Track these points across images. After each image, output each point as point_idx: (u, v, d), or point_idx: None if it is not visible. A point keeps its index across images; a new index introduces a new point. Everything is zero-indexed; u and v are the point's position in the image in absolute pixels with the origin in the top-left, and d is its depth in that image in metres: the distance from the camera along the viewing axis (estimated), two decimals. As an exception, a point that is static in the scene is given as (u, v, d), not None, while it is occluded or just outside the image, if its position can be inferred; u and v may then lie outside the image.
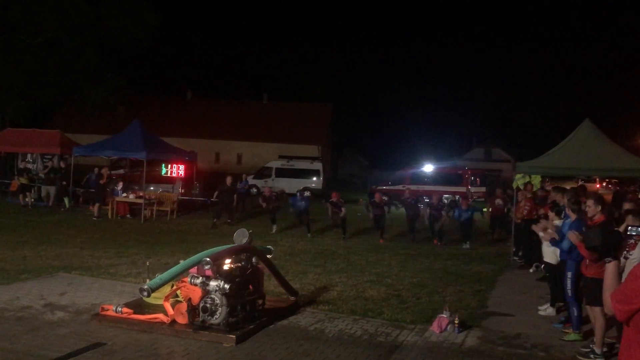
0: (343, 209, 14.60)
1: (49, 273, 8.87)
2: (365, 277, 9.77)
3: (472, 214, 14.28)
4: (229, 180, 16.72)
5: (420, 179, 27.67)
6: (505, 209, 14.72)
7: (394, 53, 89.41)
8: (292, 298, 7.70)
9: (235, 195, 16.82)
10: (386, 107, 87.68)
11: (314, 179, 28.96)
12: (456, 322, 6.70)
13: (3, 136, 21.66)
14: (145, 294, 6.26)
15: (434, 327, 6.73)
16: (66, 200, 18.21)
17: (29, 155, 21.41)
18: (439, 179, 26.86)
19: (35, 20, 26.49)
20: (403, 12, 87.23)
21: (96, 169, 18.41)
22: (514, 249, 12.35)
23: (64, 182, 18.43)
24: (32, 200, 18.11)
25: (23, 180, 18.61)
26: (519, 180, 12.68)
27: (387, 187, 28.41)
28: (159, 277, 6.38)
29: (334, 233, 15.50)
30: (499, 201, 14.92)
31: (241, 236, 7.89)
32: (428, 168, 28.90)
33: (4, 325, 6.25)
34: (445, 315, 6.83)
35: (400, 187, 27.68)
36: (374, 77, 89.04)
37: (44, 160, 21.53)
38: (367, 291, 8.72)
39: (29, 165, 20.26)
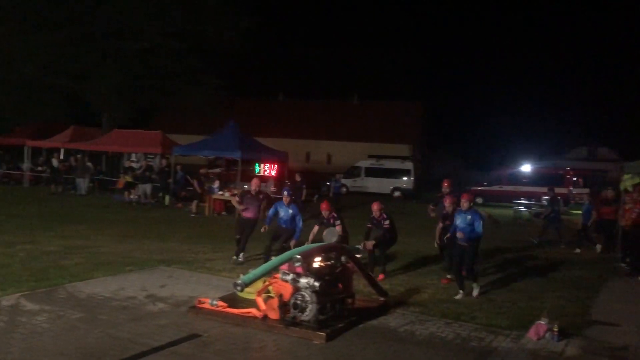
0: (338, 226, 9.45)
1: (150, 266, 9.37)
2: (457, 280, 9.49)
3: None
4: (297, 177, 17.70)
5: (517, 179, 26.59)
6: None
7: (489, 48, 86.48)
8: (382, 298, 7.63)
9: (303, 192, 17.21)
10: (482, 104, 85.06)
11: (405, 178, 28.60)
12: (555, 329, 6.33)
13: (110, 137, 23.21)
14: (238, 288, 6.43)
15: (531, 334, 6.40)
16: (167, 197, 19.19)
17: (133, 155, 22.82)
18: (538, 179, 25.64)
19: (140, 27, 28.12)
20: (496, 7, 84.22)
21: (179, 167, 19.31)
22: (620, 255, 11.54)
23: (170, 180, 19.39)
24: (137, 197, 19.23)
25: (128, 179, 19.81)
26: (627, 182, 11.78)
27: (483, 188, 27.56)
28: (252, 273, 6.52)
29: (424, 234, 15.20)
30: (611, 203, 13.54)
31: (330, 235, 7.92)
32: (526, 168, 27.71)
33: (111, 313, 6.67)
34: (543, 322, 6.47)
35: (496, 187, 26.77)
36: (468, 73, 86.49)
37: (147, 159, 22.88)
38: (460, 294, 8.46)
39: (134, 164, 21.55)
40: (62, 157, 23.16)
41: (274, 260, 6.72)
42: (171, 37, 28.74)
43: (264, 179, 19.92)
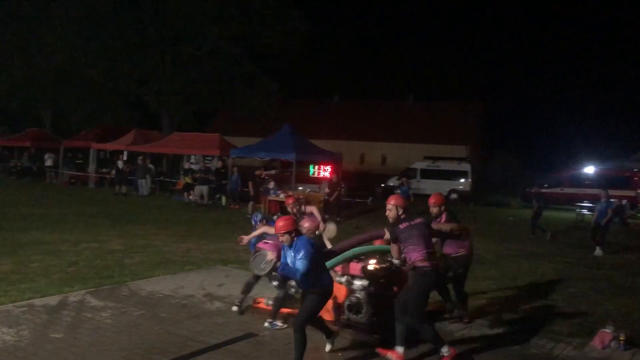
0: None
1: (208, 266, 9.58)
2: (516, 285, 9.24)
3: None
4: (334, 178, 18.28)
5: (580, 181, 25.60)
6: None
7: (552, 49, 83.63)
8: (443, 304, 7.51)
9: (341, 192, 17.44)
10: (542, 104, 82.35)
11: (462, 180, 28.04)
12: (621, 338, 6.04)
13: (170, 139, 23.88)
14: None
15: (596, 342, 6.14)
16: (223, 198, 19.58)
17: (192, 157, 23.42)
18: (602, 181, 24.60)
19: (199, 32, 28.86)
20: (560, 7, 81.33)
21: (236, 169, 19.66)
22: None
23: (224, 182, 19.79)
24: (195, 198, 19.71)
25: (187, 180, 20.33)
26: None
27: (543, 190, 26.72)
28: None
29: (482, 237, 14.89)
30: None
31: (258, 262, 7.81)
32: (589, 169, 26.63)
33: (171, 311, 6.87)
34: (608, 331, 6.19)
35: (557, 189, 25.87)
36: (528, 74, 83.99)
37: (205, 161, 23.42)
38: (519, 300, 8.23)
39: (193, 166, 22.10)
40: (125, 159, 24.04)
41: (328, 262, 6.67)
42: (229, 41, 29.32)
43: (317, 181, 20.04)
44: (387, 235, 6.00)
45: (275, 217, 10.06)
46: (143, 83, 31.19)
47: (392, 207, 5.73)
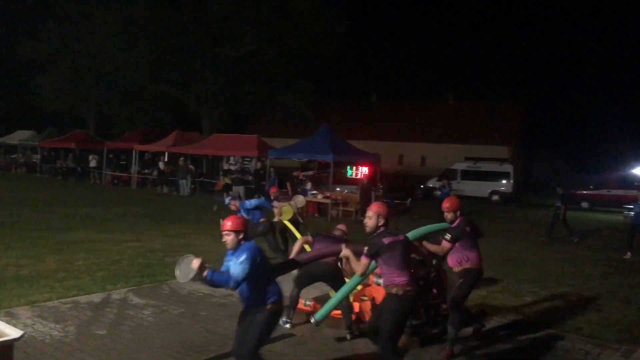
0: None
1: (247, 265, 9.63)
2: (560, 289, 9.00)
3: None
4: (365, 179, 18.09)
5: (628, 183, 24.79)
6: None
7: (596, 44, 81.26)
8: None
9: (373, 195, 17.21)
10: (588, 103, 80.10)
11: (503, 181, 27.51)
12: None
13: (210, 141, 24.23)
14: (313, 323, 5.74)
15: (645, 349, 5.92)
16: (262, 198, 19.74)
17: (231, 158, 23.70)
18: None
19: (238, 35, 29.19)
20: (607, 6, 78.85)
21: (273, 169, 19.77)
22: None
23: (263, 183, 19.95)
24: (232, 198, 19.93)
25: (227, 180, 20.57)
26: None
27: (589, 192, 26.00)
28: (326, 307, 5.57)
29: (523, 239, 14.58)
30: None
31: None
32: (638, 171, 25.78)
33: (210, 309, 6.95)
34: (659, 338, 5.97)
35: (604, 191, 25.15)
36: (572, 71, 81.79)
37: (244, 162, 23.66)
38: (563, 304, 8.01)
39: (232, 167, 22.36)
40: (166, 160, 24.52)
41: (347, 285, 5.86)
42: (267, 43, 29.54)
43: (355, 182, 20.00)
44: (346, 252, 5.05)
45: (275, 199, 10.13)
46: (184, 85, 31.75)
47: (372, 215, 4.85)
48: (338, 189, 19.61)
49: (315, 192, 18.43)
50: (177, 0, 30.02)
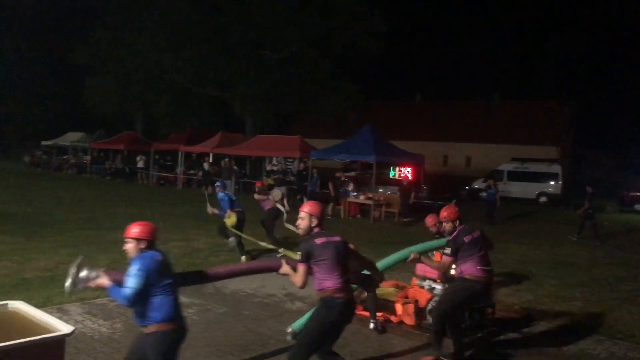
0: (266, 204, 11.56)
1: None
2: (612, 294, 8.68)
3: None
4: (405, 180, 18.14)
5: None
6: None
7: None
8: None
9: (412, 194, 17.02)
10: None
11: (552, 182, 26.78)
12: None
13: (253, 142, 24.49)
14: (289, 338, 5.85)
15: None
16: (304, 200, 19.78)
17: (274, 159, 23.89)
18: None
19: (281, 37, 29.40)
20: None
21: (315, 170, 19.77)
22: None
23: (305, 183, 20.02)
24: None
25: (270, 181, 20.74)
26: None
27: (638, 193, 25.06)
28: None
29: (572, 242, 14.14)
30: None
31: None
32: None
33: (253, 309, 7.01)
34: None
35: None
36: (624, 71, 78.90)
37: (286, 163, 23.80)
38: (614, 309, 7.72)
39: (274, 168, 22.53)
40: (211, 161, 24.91)
41: (382, 263, 6.07)
42: (309, 44, 29.64)
43: (398, 183, 19.83)
44: (285, 268, 4.64)
45: (270, 188, 10.57)
46: (228, 87, 32.21)
47: (305, 215, 4.43)
48: (380, 190, 19.50)
49: (357, 193, 18.37)
50: (221, 5, 30.48)
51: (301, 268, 4.34)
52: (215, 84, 32.23)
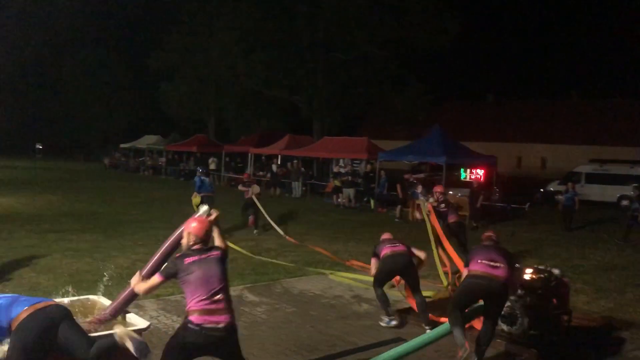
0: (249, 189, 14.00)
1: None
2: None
3: None
4: (474, 182, 17.78)
5: None
6: None
7: None
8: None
9: (480, 197, 16.55)
10: None
11: (635, 185, 25.29)
12: None
13: (321, 144, 24.64)
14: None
15: None
16: (372, 201, 19.69)
17: (341, 161, 23.92)
18: None
19: (350, 38, 29.40)
20: None
21: (383, 172, 19.61)
22: None
23: (372, 185, 19.93)
24: (343, 200, 20.09)
25: (337, 183, 20.79)
26: None
27: None
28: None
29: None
30: None
31: None
32: None
33: (320, 310, 7.04)
34: None
35: None
36: None
37: (354, 165, 23.77)
38: None
39: (342, 170, 22.57)
40: (279, 162, 25.28)
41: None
42: (378, 45, 29.48)
43: (469, 185, 19.32)
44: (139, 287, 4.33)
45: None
46: (296, 90, 32.58)
47: (185, 235, 4.24)
48: (451, 192, 19.06)
49: (426, 195, 18.04)
50: (291, 8, 30.88)
51: (155, 280, 4.13)
52: (284, 87, 32.69)
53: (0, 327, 3.54)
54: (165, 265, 4.29)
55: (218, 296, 3.89)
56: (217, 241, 4.44)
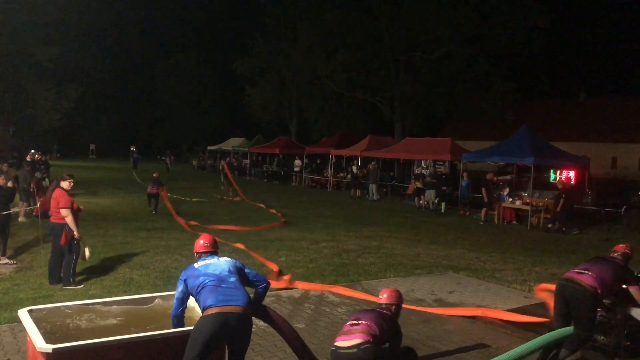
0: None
1: (439, 271, 9.47)
2: None
3: None
4: (559, 183, 16.90)
5: None
6: None
7: None
8: None
9: (561, 200, 15.32)
10: None
11: None
12: None
13: (402, 145, 24.35)
14: None
15: None
16: (442, 204, 19.03)
17: (423, 162, 23.53)
18: None
19: (433, 37, 28.90)
20: None
21: (465, 174, 19.02)
22: None
23: (444, 188, 19.41)
24: (426, 203, 19.73)
25: (418, 185, 20.47)
26: None
27: None
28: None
29: None
30: None
31: None
32: None
33: (403, 313, 6.86)
34: None
35: None
36: None
37: (435, 166, 23.30)
38: None
39: (424, 171, 22.19)
40: (359, 164, 25.26)
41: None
42: (462, 43, 28.76)
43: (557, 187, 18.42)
44: None
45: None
46: (377, 91, 32.47)
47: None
48: (538, 194, 18.25)
49: (513, 197, 17.41)
50: (373, 9, 30.82)
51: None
52: (366, 88, 32.68)
53: (197, 300, 4.16)
54: None
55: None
56: None
